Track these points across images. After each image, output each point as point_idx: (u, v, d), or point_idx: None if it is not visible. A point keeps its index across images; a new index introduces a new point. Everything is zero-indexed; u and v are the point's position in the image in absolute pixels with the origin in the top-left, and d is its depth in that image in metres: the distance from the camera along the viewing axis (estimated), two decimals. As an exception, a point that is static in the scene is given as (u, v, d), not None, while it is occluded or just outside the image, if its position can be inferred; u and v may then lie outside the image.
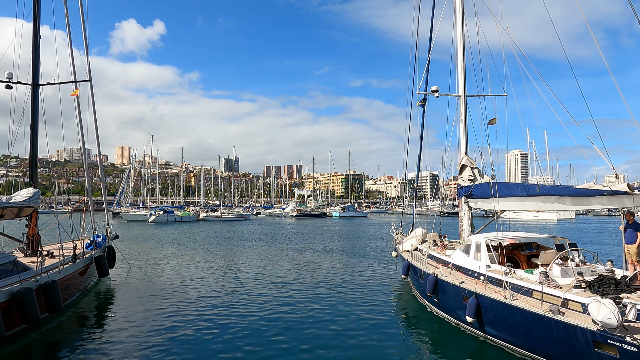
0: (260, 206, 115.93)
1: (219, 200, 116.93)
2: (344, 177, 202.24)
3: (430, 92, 17.77)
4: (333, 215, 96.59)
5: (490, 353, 10.09)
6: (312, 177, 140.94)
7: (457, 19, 16.85)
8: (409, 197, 76.77)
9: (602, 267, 10.84)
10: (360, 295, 16.12)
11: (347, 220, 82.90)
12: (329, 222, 72.82)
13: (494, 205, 13.66)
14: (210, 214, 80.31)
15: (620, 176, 10.69)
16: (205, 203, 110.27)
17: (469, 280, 11.54)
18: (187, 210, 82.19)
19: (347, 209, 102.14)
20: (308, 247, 33.28)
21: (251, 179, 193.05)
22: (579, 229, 56.06)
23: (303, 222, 74.35)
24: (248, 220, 79.40)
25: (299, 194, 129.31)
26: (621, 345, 7.11)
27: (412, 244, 18.05)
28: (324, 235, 44.69)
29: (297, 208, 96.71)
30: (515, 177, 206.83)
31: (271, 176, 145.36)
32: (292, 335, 11.35)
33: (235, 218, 79.61)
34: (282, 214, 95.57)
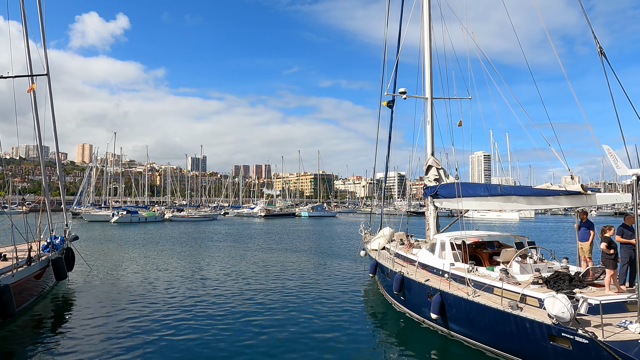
0: (228, 206, 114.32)
1: (185, 200, 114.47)
2: (313, 177, 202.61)
3: (398, 94, 18.09)
4: (302, 215, 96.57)
5: (454, 349, 10.39)
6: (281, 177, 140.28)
7: (425, 23, 17.23)
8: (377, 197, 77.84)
9: (558, 263, 11.38)
10: (328, 294, 16.20)
11: (316, 220, 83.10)
12: (298, 222, 72.75)
13: (458, 205, 14.06)
14: (176, 214, 78.49)
15: (575, 177, 11.25)
16: (171, 203, 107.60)
17: (433, 278, 11.83)
18: (152, 210, 80.00)
19: (316, 208, 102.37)
20: (277, 247, 33.14)
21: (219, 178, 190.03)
22: (538, 228, 58.54)
23: (272, 222, 73.95)
24: (216, 220, 78.17)
25: (267, 193, 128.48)
26: (574, 337, 7.49)
27: (379, 243, 18.32)
28: (293, 235, 44.63)
29: (265, 208, 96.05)
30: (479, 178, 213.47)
31: (240, 176, 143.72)
32: (259, 336, 11.27)
33: (202, 218, 78.17)
34: (251, 214, 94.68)
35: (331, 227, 58.78)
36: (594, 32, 9.40)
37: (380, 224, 21.47)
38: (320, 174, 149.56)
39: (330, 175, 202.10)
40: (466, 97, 17.60)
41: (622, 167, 7.73)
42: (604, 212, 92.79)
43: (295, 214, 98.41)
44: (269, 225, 63.66)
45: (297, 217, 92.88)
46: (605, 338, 7.13)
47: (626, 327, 7.47)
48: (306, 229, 54.79)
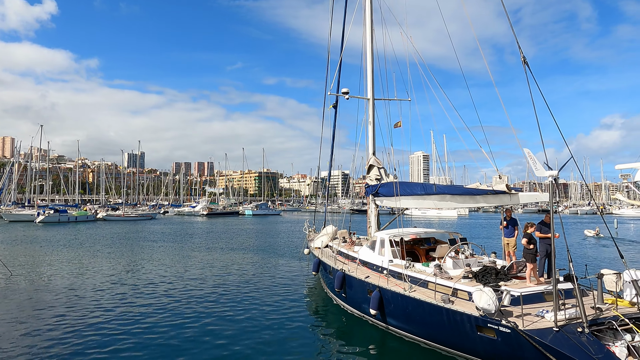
0: (168, 204, 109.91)
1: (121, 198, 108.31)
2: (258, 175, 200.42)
3: (341, 94, 18.41)
4: (246, 214, 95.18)
5: (391, 343, 10.78)
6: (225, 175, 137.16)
7: (367, 26, 17.66)
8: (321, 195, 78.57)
9: (487, 258, 12.18)
10: (271, 293, 16.14)
11: (260, 218, 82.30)
12: (242, 221, 71.64)
13: (397, 203, 14.58)
14: (110, 213, 74.19)
15: (503, 177, 12.06)
16: (106, 201, 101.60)
17: (373, 275, 12.18)
18: (84, 209, 75.13)
19: (260, 207, 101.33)
20: (219, 246, 32.42)
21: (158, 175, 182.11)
22: (471, 225, 62.19)
23: (214, 220, 72.17)
24: (154, 219, 74.84)
25: (210, 191, 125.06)
26: (498, 327, 8.07)
27: (323, 241, 18.51)
28: (236, 234, 43.89)
29: (208, 206, 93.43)
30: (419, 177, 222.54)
31: (180, 173, 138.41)
32: (201, 337, 10.99)
33: (139, 217, 74.52)
34: (192, 213, 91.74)
35: (275, 226, 58.52)
36: (519, 43, 10.16)
37: (324, 222, 21.72)
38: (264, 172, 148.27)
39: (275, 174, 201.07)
40: (406, 99, 18.29)
41: (540, 169, 8.45)
42: (529, 210, 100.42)
43: (239, 212, 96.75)
44: (212, 224, 62.08)
45: (240, 216, 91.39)
46: (525, 327, 7.75)
47: (543, 316, 8.17)
48: (250, 228, 54.11)
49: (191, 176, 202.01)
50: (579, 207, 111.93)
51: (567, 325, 7.73)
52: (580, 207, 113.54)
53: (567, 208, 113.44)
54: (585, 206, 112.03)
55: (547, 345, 7.39)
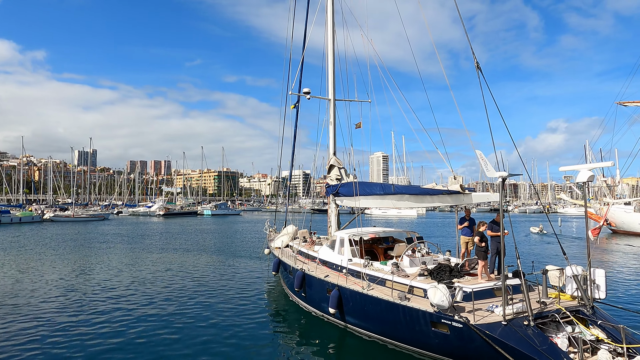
0: (122, 204, 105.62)
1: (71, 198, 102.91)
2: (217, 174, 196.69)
3: (302, 94, 18.41)
4: (205, 214, 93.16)
5: (350, 340, 10.92)
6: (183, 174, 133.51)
7: (328, 27, 17.78)
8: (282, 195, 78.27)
9: (442, 256, 12.58)
10: (230, 294, 15.90)
11: (219, 218, 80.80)
12: (200, 221, 70.05)
13: (356, 203, 14.78)
14: (59, 213, 70.33)
15: (458, 178, 12.53)
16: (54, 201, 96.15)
17: (332, 274, 12.28)
18: (29, 209, 70.70)
19: (219, 207, 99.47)
20: (176, 247, 31.53)
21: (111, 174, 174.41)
22: (428, 224, 64.06)
23: (172, 221, 70.10)
24: (107, 220, 71.69)
25: (167, 191, 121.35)
26: (451, 323, 8.37)
27: (283, 240, 18.44)
28: (195, 235, 42.86)
29: (165, 206, 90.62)
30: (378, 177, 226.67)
31: (136, 172, 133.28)
32: (156, 342, 10.66)
33: (90, 218, 71.10)
34: (148, 213, 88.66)
35: (235, 226, 57.68)
36: (473, 49, 10.58)
37: (284, 221, 21.64)
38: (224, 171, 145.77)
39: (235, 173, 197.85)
40: (366, 100, 18.58)
41: (490, 169, 8.85)
42: (482, 209, 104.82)
43: (198, 212, 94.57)
44: (168, 224, 60.28)
45: (199, 216, 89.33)
46: (476, 321, 8.09)
47: (492, 311, 8.56)
48: (209, 228, 53.01)
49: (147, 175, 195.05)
50: (527, 207, 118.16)
51: (515, 319, 8.13)
52: (528, 206, 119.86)
53: (517, 207, 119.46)
54: (533, 205, 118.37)
55: (496, 339, 7.74)
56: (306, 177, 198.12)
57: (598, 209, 45.50)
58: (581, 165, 9.32)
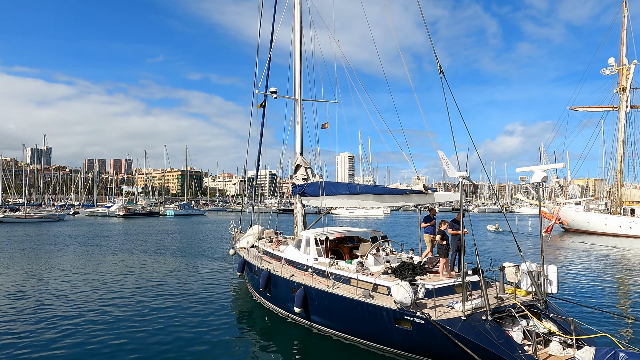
0: (78, 205, 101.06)
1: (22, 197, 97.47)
2: (181, 173, 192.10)
3: (269, 93, 18.31)
4: (167, 214, 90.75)
5: (314, 339, 10.97)
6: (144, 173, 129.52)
7: (296, 27, 17.77)
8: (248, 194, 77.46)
9: (406, 254, 12.87)
10: (194, 296, 15.59)
11: (183, 219, 78.94)
12: (163, 222, 68.18)
13: (322, 203, 14.87)
14: (9, 214, 66.60)
15: (422, 178, 12.92)
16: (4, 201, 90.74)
17: (298, 273, 12.30)
18: (-24, 210, 66.44)
19: (183, 207, 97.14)
20: (137, 249, 30.54)
21: (68, 173, 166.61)
22: (394, 223, 65.21)
23: (132, 222, 67.79)
24: (62, 221, 68.45)
25: (128, 191, 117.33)
26: (413, 319, 8.59)
27: (248, 241, 18.28)
28: (157, 236, 41.68)
29: (125, 207, 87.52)
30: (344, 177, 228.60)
31: (94, 170, 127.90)
32: (117, 347, 10.29)
33: (44, 219, 67.63)
34: (107, 214, 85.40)
35: (199, 226, 56.55)
36: (436, 53, 10.89)
37: (250, 222, 21.44)
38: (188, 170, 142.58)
39: (199, 172, 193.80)
40: (333, 101, 18.71)
41: (452, 170, 9.15)
42: (444, 209, 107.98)
43: (160, 212, 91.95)
44: (129, 225, 58.29)
45: (161, 216, 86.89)
46: (437, 317, 8.33)
47: (453, 307, 8.85)
48: (172, 229, 51.69)
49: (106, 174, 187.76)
50: (486, 206, 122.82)
51: (474, 314, 8.44)
52: (488, 206, 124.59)
53: (477, 207, 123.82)
54: (492, 205, 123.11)
55: (456, 333, 8.01)
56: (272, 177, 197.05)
57: (551, 209, 47.91)
58: (535, 167, 9.79)
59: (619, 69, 44.80)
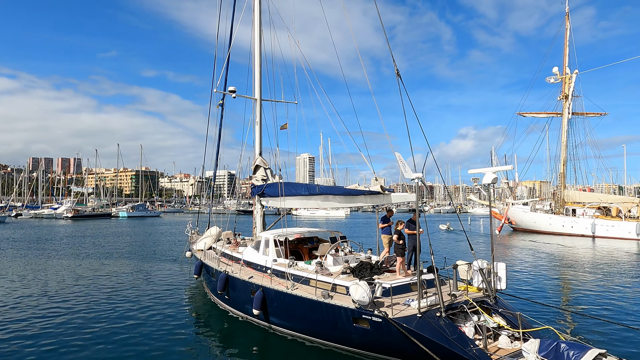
0: (22, 206, 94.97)
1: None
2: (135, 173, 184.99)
3: (228, 92, 18.01)
4: (120, 216, 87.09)
5: (273, 340, 10.90)
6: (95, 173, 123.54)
7: (255, 26, 17.60)
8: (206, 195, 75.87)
9: (364, 254, 13.06)
10: (149, 300, 15.06)
11: (137, 220, 75.97)
12: (115, 224, 65.33)
13: (282, 203, 14.81)
14: (-59, 216, 61.37)
15: (380, 179, 13.08)
16: None
17: (257, 275, 12.18)
18: None
19: (137, 208, 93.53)
20: (87, 252, 29.06)
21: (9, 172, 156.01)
22: (354, 224, 66.02)
23: (82, 224, 64.44)
24: (3, 223, 64.01)
25: (77, 191, 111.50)
26: (371, 318, 8.73)
27: (206, 242, 17.92)
28: (108, 238, 39.86)
29: (74, 208, 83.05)
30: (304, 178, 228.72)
31: (39, 170, 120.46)
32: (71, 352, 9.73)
33: (-18, 221, 63.01)
34: (54, 215, 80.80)
35: (154, 228, 54.67)
36: (394, 57, 11.14)
37: (208, 223, 21.01)
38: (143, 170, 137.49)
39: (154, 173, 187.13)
40: (292, 101, 18.68)
41: (408, 171, 9.40)
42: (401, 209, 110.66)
43: (112, 214, 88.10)
44: (78, 227, 55.38)
45: (114, 218, 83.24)
46: (394, 315, 8.52)
47: (409, 305, 9.08)
48: (125, 231, 49.63)
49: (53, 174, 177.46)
50: (442, 207, 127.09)
51: (429, 311, 8.70)
52: (443, 206, 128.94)
53: (432, 208, 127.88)
54: (447, 206, 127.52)
55: (412, 331, 8.22)
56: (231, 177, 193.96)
57: (501, 209, 50.28)
58: (486, 169, 10.24)
59: (562, 78, 47.75)
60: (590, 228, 41.65)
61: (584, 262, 25.31)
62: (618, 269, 22.32)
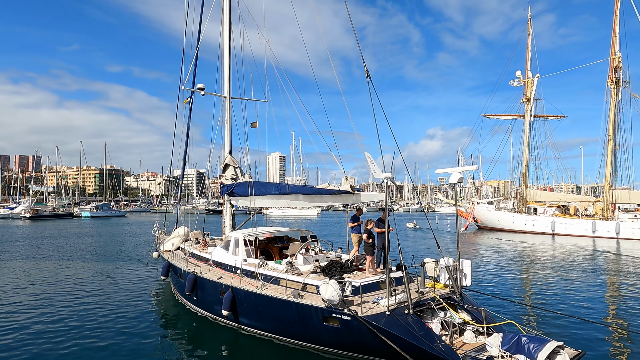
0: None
1: None
2: (99, 172, 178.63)
3: (196, 90, 17.68)
4: (83, 216, 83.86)
5: (243, 341, 10.80)
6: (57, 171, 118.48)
7: (225, 23, 17.35)
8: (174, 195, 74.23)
9: (334, 253, 13.12)
10: (115, 302, 14.60)
11: (100, 220, 73.39)
12: (77, 224, 62.88)
13: (252, 203, 14.68)
14: None
15: (350, 179, 13.16)
16: None
17: (226, 275, 12.02)
18: None
19: (101, 207, 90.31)
20: (47, 254, 27.81)
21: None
22: (324, 223, 66.24)
23: (41, 224, 61.63)
24: (-46, 224, 60.40)
25: (36, 190, 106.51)
26: (341, 316, 8.79)
27: (173, 243, 17.56)
28: (70, 239, 38.31)
29: (32, 208, 79.34)
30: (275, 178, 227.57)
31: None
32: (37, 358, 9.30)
33: None
34: (10, 215, 77.01)
35: (120, 228, 52.99)
36: (364, 58, 11.24)
37: (176, 223, 20.56)
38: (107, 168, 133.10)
39: (119, 171, 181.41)
40: (263, 100, 18.53)
41: (377, 171, 9.53)
42: (372, 208, 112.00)
43: (74, 214, 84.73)
44: (36, 228, 52.95)
45: (76, 218, 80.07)
46: (363, 314, 8.61)
47: (378, 302, 9.20)
48: (88, 232, 47.85)
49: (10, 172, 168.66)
50: (410, 206, 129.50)
51: (397, 308, 8.84)
52: (412, 205, 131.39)
53: (402, 207, 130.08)
54: (416, 205, 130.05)
55: (380, 328, 8.33)
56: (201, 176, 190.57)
57: (467, 208, 51.74)
58: (452, 168, 10.51)
59: (524, 82, 49.62)
60: (550, 226, 43.51)
61: (545, 258, 26.41)
62: (575, 265, 23.43)
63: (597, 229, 40.69)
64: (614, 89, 42.86)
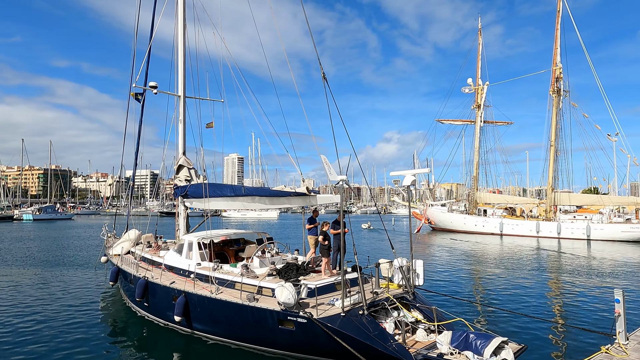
0: None
1: None
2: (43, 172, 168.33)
3: (149, 88, 17.07)
4: (24, 219, 78.64)
5: (196, 346, 10.52)
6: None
7: (179, 20, 16.88)
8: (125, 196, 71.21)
9: (291, 255, 13.09)
10: (61, 310, 13.79)
11: (44, 224, 69.07)
12: (18, 227, 58.85)
13: (207, 205, 14.35)
14: None
15: (308, 181, 13.21)
16: None
17: (179, 280, 11.67)
18: None
19: (44, 210, 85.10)
20: (-19, 260, 25.79)
21: None
22: (282, 225, 65.90)
23: (-24, 228, 57.19)
24: None
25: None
26: (296, 319, 8.78)
27: (123, 247, 16.86)
28: (9, 244, 35.74)
29: (-34, 210, 73.50)
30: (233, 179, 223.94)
31: None
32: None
33: None
34: (-60, 219, 70.71)
35: (65, 232, 50.11)
36: (320, 60, 11.33)
37: (126, 225, 19.72)
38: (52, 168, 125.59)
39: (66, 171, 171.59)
40: (219, 99, 18.18)
41: (333, 174, 9.62)
42: (330, 210, 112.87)
43: (15, 217, 79.26)
44: (-29, 232, 49.01)
45: (16, 221, 74.92)
46: (319, 316, 8.64)
47: (333, 304, 9.26)
48: (29, 235, 44.87)
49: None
50: (368, 208, 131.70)
51: (352, 309, 8.94)
52: (369, 207, 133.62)
53: (359, 209, 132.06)
54: (373, 207, 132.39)
55: (335, 330, 8.39)
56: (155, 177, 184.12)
57: (421, 210, 53.32)
58: (406, 171, 10.78)
59: (475, 89, 51.90)
60: (499, 227, 45.70)
61: (493, 258, 27.69)
62: (520, 264, 24.74)
63: (541, 229, 43.18)
64: (555, 98, 45.73)
